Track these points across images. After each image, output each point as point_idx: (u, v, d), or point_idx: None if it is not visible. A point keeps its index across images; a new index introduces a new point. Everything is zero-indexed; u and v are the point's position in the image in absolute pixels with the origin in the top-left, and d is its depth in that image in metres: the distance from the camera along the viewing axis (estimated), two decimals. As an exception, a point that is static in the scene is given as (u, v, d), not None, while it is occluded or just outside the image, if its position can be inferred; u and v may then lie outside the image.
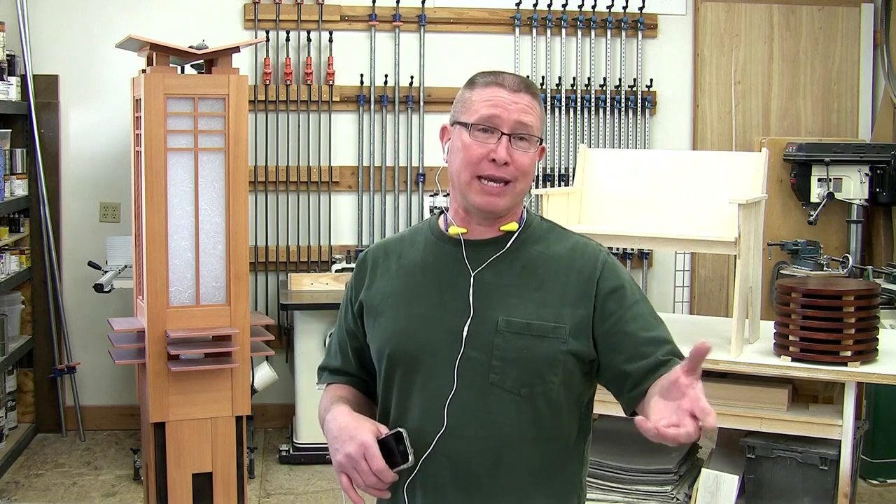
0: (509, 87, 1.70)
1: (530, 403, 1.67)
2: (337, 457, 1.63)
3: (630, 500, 3.20)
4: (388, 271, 1.79)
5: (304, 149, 5.08)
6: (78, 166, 5.03)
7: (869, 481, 4.32)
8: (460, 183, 1.71)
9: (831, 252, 4.91)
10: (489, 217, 1.73)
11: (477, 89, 1.72)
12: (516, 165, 1.68)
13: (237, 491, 3.29)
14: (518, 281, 1.71)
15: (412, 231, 1.85)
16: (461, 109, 1.73)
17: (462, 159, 1.69)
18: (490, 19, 5.22)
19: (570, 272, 1.72)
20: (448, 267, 1.74)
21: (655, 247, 4.70)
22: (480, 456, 1.66)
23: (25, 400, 5.00)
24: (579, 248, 1.76)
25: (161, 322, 3.14)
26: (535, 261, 1.73)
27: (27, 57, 4.85)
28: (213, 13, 5.03)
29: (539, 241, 1.76)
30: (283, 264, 5.09)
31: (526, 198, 5.25)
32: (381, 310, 1.76)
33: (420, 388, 1.70)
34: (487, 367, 1.66)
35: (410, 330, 1.72)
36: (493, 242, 1.74)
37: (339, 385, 1.85)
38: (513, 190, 1.70)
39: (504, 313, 1.68)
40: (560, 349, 1.67)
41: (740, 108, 5.38)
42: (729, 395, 3.14)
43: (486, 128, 1.68)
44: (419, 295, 1.74)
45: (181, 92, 3.14)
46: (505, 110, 1.68)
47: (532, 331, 1.67)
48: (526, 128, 1.69)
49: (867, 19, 5.45)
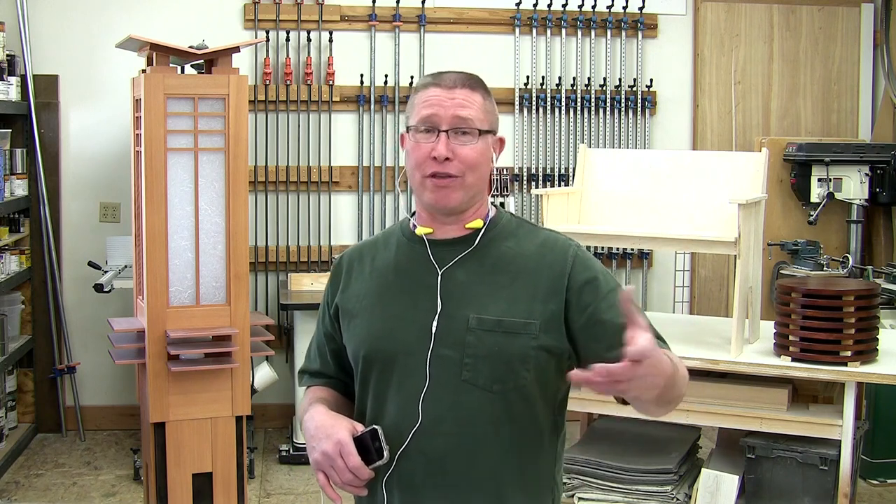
0: (445, 85, 1.73)
1: (503, 399, 1.69)
2: (314, 455, 1.65)
3: (630, 500, 3.20)
4: (363, 274, 1.82)
5: (304, 149, 5.08)
6: (78, 166, 5.03)
7: (869, 481, 4.32)
8: (414, 184, 1.75)
9: (831, 252, 4.91)
10: (447, 213, 1.75)
11: (419, 92, 1.76)
12: (461, 159, 1.71)
13: (237, 491, 3.29)
14: (488, 278, 1.73)
15: (385, 233, 1.88)
16: (409, 114, 1.78)
17: (412, 162, 1.74)
18: (490, 19, 5.22)
19: (540, 268, 1.74)
20: (418, 267, 1.77)
21: (655, 247, 4.70)
22: (455, 452, 1.69)
23: (25, 400, 5.00)
24: (549, 243, 1.78)
25: (161, 322, 3.14)
26: (505, 257, 1.76)
27: (27, 57, 4.85)
28: (213, 13, 5.03)
29: (508, 237, 1.79)
30: (283, 264, 5.09)
31: (526, 198, 5.18)
32: (356, 312, 1.79)
33: (395, 387, 1.72)
34: (460, 364, 1.69)
35: (384, 331, 1.75)
36: (461, 241, 1.77)
37: (318, 387, 1.89)
38: (462, 183, 1.72)
39: (474, 311, 1.70)
40: (531, 345, 1.69)
41: (740, 108, 5.38)
42: (729, 395, 3.14)
43: (426, 128, 1.72)
44: (392, 296, 1.77)
45: (181, 92, 3.14)
46: (441, 107, 1.71)
47: (503, 328, 1.69)
48: (465, 121, 1.71)
49: (867, 19, 5.45)
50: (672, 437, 3.34)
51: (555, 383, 1.75)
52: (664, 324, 3.60)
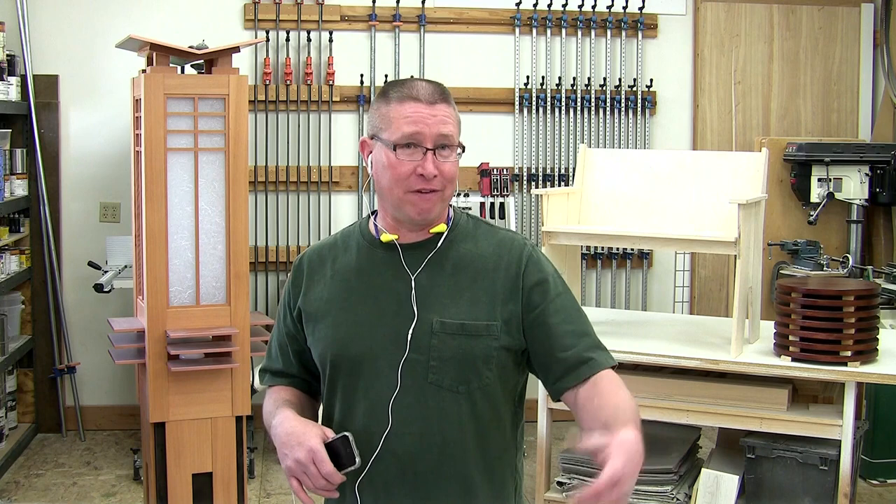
0: (426, 100, 1.73)
1: (468, 399, 1.73)
2: (286, 462, 1.67)
3: (630, 500, 3.19)
4: (324, 277, 1.83)
5: (304, 149, 5.08)
6: (78, 166, 5.03)
7: (869, 481, 4.32)
8: (393, 198, 1.75)
9: (831, 252, 4.91)
10: (423, 224, 1.78)
11: (393, 104, 1.75)
12: (443, 175, 1.73)
13: (237, 491, 3.29)
14: (450, 281, 1.76)
15: (344, 235, 1.89)
16: (380, 125, 1.76)
17: (391, 177, 1.73)
18: (490, 19, 5.22)
19: (497, 268, 1.78)
20: (383, 272, 1.79)
21: (655, 247, 4.70)
22: (425, 452, 1.73)
23: (25, 400, 4.99)
24: (506, 243, 1.81)
25: (161, 322, 3.14)
26: (464, 259, 1.79)
27: (27, 57, 4.85)
28: (213, 13, 5.03)
29: (467, 239, 1.81)
30: (283, 264, 5.09)
31: (526, 198, 5.19)
32: (320, 316, 1.81)
33: (364, 390, 1.75)
34: (426, 367, 1.72)
35: (350, 335, 1.77)
36: (424, 245, 1.79)
37: (281, 387, 1.90)
38: (442, 197, 1.75)
39: (438, 315, 1.73)
40: (493, 346, 1.74)
41: (740, 108, 5.38)
42: (729, 395, 3.14)
43: (409, 143, 1.72)
44: (356, 300, 1.79)
45: (181, 92, 3.14)
46: (426, 125, 1.71)
47: (466, 331, 1.73)
48: (447, 138, 1.73)
49: (867, 19, 5.45)
50: (672, 437, 3.34)
51: (514, 378, 1.80)
52: (664, 324, 3.62)
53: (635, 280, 5.40)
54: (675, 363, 3.11)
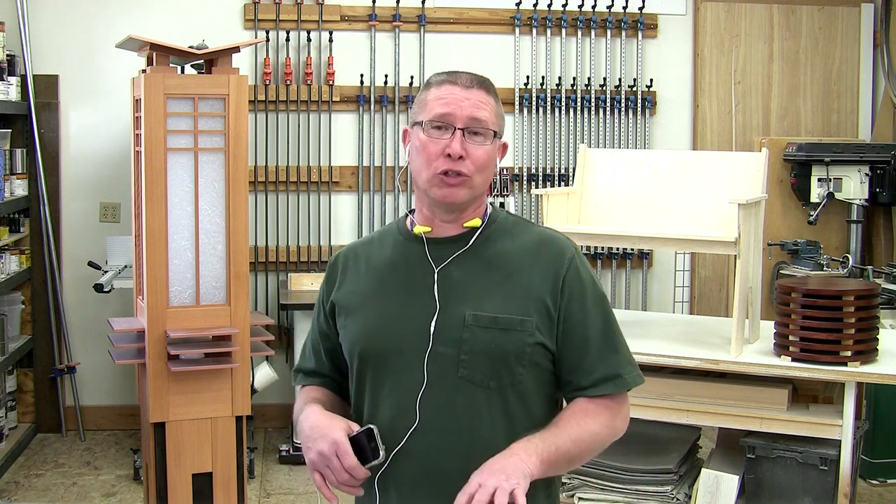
0: (462, 84, 1.73)
1: (500, 396, 1.70)
2: (310, 455, 1.65)
3: (630, 500, 3.20)
4: (358, 272, 1.82)
5: (304, 149, 5.07)
6: (78, 166, 5.03)
7: (869, 481, 4.32)
8: (422, 181, 1.74)
9: (831, 252, 4.91)
10: (450, 211, 1.76)
11: (432, 89, 1.76)
12: (472, 160, 1.71)
13: (237, 491, 3.29)
14: (484, 276, 1.74)
15: (381, 232, 1.89)
16: (418, 110, 1.76)
17: (421, 158, 1.73)
18: (490, 19, 5.22)
19: (536, 265, 1.75)
20: (413, 265, 1.77)
21: (655, 247, 4.70)
22: (452, 450, 1.68)
23: (25, 400, 4.99)
24: (546, 241, 1.79)
25: (161, 322, 3.14)
26: (502, 255, 1.76)
27: (27, 57, 4.85)
28: (213, 13, 5.03)
29: (504, 235, 1.79)
30: (283, 264, 5.09)
31: (526, 198, 5.20)
32: (351, 309, 1.79)
33: (391, 385, 1.72)
34: (456, 361, 1.69)
35: (379, 328, 1.75)
36: (458, 239, 1.77)
37: (313, 387, 1.88)
38: (470, 183, 1.72)
39: (471, 308, 1.71)
40: (527, 342, 1.70)
41: (740, 108, 5.38)
42: (729, 395, 3.14)
43: (440, 125, 1.71)
44: (386, 293, 1.77)
45: (181, 92, 3.14)
46: (458, 106, 1.71)
47: (499, 324, 1.70)
48: (479, 122, 1.71)
49: (867, 19, 5.45)
50: (672, 437, 3.34)
51: (548, 379, 1.76)
52: (664, 324, 3.62)
53: (635, 280, 5.40)
54: (675, 363, 3.11)
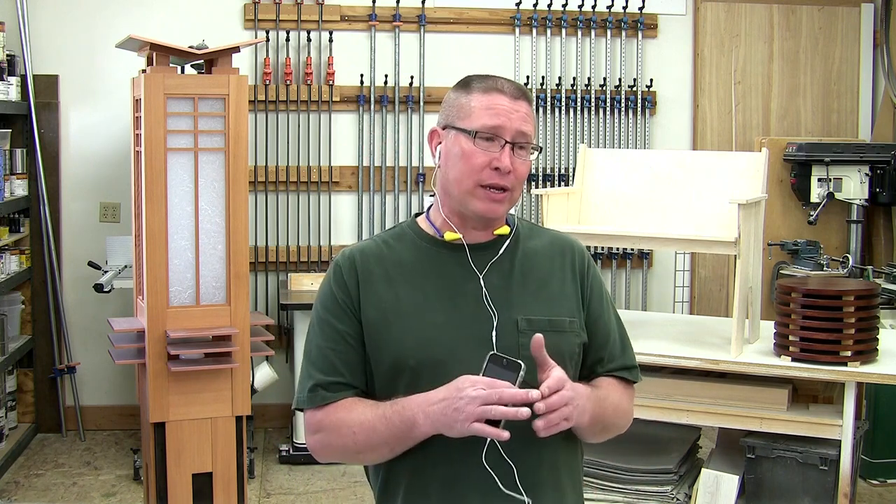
0: (510, 95, 1.70)
1: None
2: (469, 408, 1.52)
3: (630, 500, 3.20)
4: (384, 278, 1.73)
5: (304, 149, 5.07)
6: (78, 166, 5.03)
7: (869, 481, 4.32)
8: (461, 190, 1.71)
9: (831, 252, 4.91)
10: (486, 222, 1.75)
11: (475, 94, 1.71)
12: (516, 174, 1.70)
13: (237, 491, 3.29)
14: (522, 281, 1.75)
15: (391, 236, 1.80)
16: (458, 114, 1.72)
17: (464, 167, 1.69)
18: (490, 19, 5.22)
19: (562, 267, 1.80)
20: (452, 273, 1.73)
21: (655, 247, 4.70)
22: (525, 455, 1.66)
23: (25, 400, 4.99)
24: (558, 242, 1.84)
25: (161, 322, 3.14)
26: (530, 260, 1.78)
27: (27, 57, 4.85)
28: (213, 13, 5.03)
29: (525, 240, 1.81)
30: (283, 264, 5.09)
31: (526, 198, 5.20)
32: (391, 319, 1.70)
33: None
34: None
35: (430, 339, 1.68)
36: (489, 246, 1.77)
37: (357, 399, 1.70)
38: (511, 197, 1.72)
39: (521, 313, 1.71)
40: (576, 342, 1.75)
41: (740, 108, 5.38)
42: (729, 395, 3.14)
43: (489, 136, 1.68)
44: (428, 303, 1.71)
45: (181, 92, 3.14)
46: (507, 119, 1.69)
47: (554, 327, 1.71)
48: (526, 137, 1.71)
49: (867, 19, 5.45)
50: (672, 437, 3.34)
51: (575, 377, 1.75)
52: (664, 324, 3.62)
53: (635, 280, 5.40)
54: (675, 363, 3.11)
